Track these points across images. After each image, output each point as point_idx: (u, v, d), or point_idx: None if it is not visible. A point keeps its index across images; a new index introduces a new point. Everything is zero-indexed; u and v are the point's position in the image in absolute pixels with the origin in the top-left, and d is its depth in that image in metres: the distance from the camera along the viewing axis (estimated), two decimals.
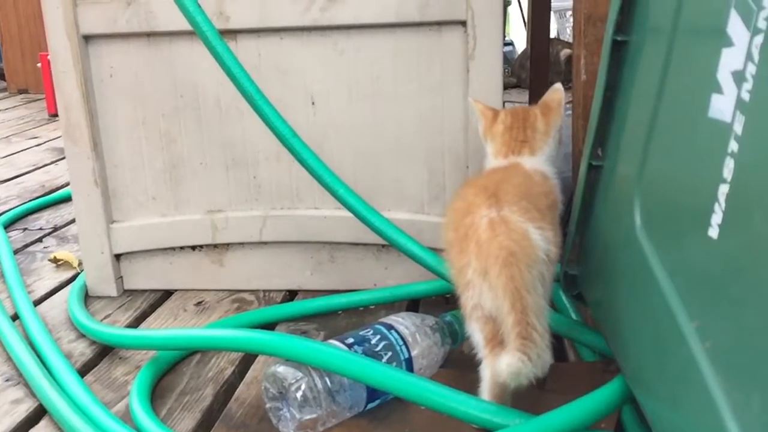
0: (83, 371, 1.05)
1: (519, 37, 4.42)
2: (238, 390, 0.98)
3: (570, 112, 1.19)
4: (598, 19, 1.11)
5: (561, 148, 1.05)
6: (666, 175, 0.71)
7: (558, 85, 1.03)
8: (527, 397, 0.84)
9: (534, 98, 2.11)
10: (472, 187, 0.87)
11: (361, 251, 1.26)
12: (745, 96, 0.54)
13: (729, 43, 0.57)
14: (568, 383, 0.91)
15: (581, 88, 1.13)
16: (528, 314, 0.73)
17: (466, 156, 1.19)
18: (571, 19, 4.12)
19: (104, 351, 1.11)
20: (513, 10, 4.37)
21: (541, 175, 0.93)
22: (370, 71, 1.18)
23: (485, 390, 0.82)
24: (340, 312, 1.20)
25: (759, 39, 0.52)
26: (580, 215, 0.92)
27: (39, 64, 3.59)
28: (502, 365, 0.72)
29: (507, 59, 3.55)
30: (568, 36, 4.17)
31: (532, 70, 2.33)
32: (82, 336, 1.15)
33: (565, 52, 3.50)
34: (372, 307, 1.21)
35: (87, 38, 1.21)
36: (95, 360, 1.09)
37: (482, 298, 0.79)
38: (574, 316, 1.04)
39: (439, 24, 1.14)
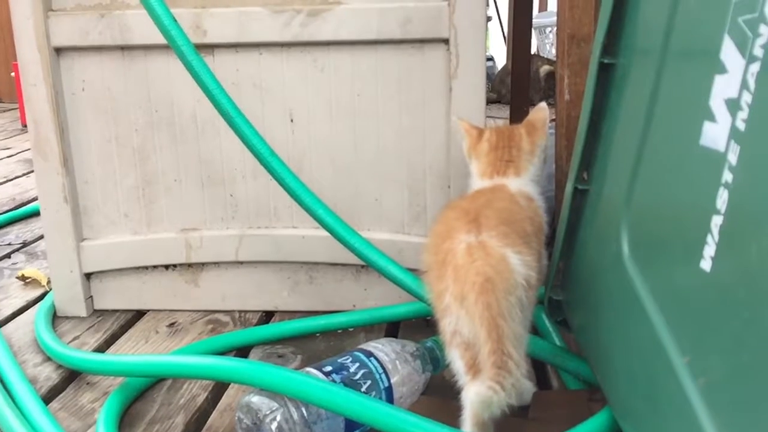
0: (48, 397, 1.01)
1: (499, 53, 4.43)
2: (210, 418, 0.95)
3: (553, 131, 1.18)
4: (582, 39, 1.10)
5: (545, 167, 1.03)
6: (655, 202, 0.69)
7: (543, 104, 1.02)
8: (510, 427, 0.82)
9: (514, 114, 2.10)
10: (453, 210, 0.85)
11: (340, 272, 1.23)
12: (740, 125, 0.52)
13: (722, 69, 0.55)
14: (552, 412, 0.88)
15: (564, 108, 1.12)
16: (504, 343, 0.71)
17: (448, 175, 1.17)
18: (551, 36, 4.14)
19: (71, 376, 1.06)
20: (493, 25, 4.38)
21: (526, 197, 0.91)
22: (351, 88, 1.15)
23: (467, 419, 0.79)
24: (318, 334, 1.17)
25: (755, 67, 0.51)
26: (565, 240, 0.90)
27: (13, 74, 3.52)
28: (471, 394, 0.70)
29: (487, 75, 3.55)
30: (547, 52, 4.19)
31: (513, 87, 2.32)
32: (48, 359, 1.11)
33: (544, 68, 3.51)
34: (351, 329, 1.18)
35: (58, 50, 1.18)
36: (61, 385, 1.04)
37: (460, 325, 0.77)
38: (557, 341, 1.01)
39: (422, 42, 1.12)
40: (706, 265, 0.56)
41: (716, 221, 0.55)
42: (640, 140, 0.71)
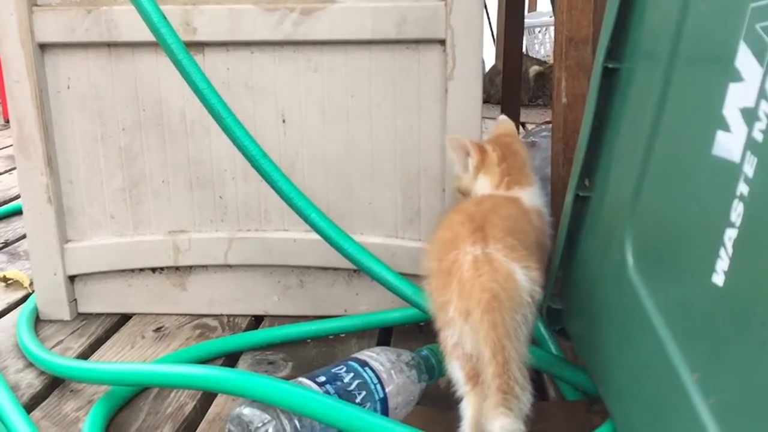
0: (30, 405, 0.97)
1: (488, 52, 4.41)
2: (199, 429, 0.92)
3: (548, 134, 1.16)
4: (580, 41, 1.08)
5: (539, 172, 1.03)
6: (662, 212, 0.67)
7: (504, 116, 1.06)
8: None
9: (506, 114, 2.08)
10: (458, 213, 0.82)
11: (332, 276, 1.21)
12: (758, 136, 0.50)
13: (738, 77, 0.53)
14: (550, 425, 0.86)
15: (561, 112, 1.10)
16: (509, 366, 0.70)
17: (442, 179, 1.15)
18: (540, 36, 4.09)
19: (55, 382, 1.03)
20: None
21: (537, 212, 0.89)
22: (345, 89, 1.13)
23: (466, 430, 0.77)
24: (308, 340, 1.15)
25: None
26: (565, 247, 0.88)
27: None
28: (495, 428, 0.68)
29: None
30: (536, 53, 4.17)
31: (504, 87, 2.30)
32: (31, 365, 1.07)
33: (534, 69, 3.50)
34: (342, 335, 1.16)
35: (43, 47, 1.14)
36: (44, 392, 1.01)
37: (463, 339, 0.75)
38: (554, 349, 0.99)
39: (417, 42, 1.10)
40: (718, 279, 0.54)
41: (730, 234, 0.53)
42: (647, 147, 0.69)
